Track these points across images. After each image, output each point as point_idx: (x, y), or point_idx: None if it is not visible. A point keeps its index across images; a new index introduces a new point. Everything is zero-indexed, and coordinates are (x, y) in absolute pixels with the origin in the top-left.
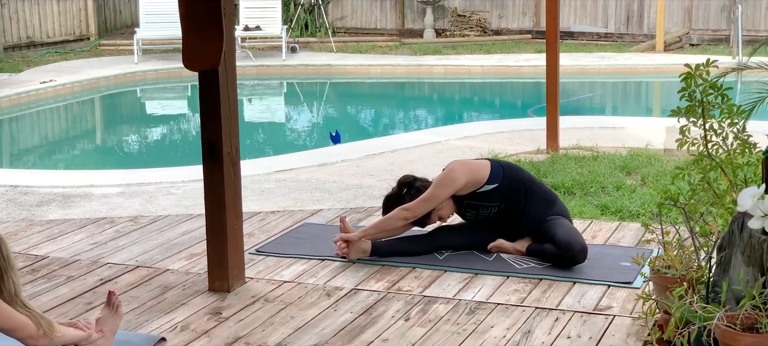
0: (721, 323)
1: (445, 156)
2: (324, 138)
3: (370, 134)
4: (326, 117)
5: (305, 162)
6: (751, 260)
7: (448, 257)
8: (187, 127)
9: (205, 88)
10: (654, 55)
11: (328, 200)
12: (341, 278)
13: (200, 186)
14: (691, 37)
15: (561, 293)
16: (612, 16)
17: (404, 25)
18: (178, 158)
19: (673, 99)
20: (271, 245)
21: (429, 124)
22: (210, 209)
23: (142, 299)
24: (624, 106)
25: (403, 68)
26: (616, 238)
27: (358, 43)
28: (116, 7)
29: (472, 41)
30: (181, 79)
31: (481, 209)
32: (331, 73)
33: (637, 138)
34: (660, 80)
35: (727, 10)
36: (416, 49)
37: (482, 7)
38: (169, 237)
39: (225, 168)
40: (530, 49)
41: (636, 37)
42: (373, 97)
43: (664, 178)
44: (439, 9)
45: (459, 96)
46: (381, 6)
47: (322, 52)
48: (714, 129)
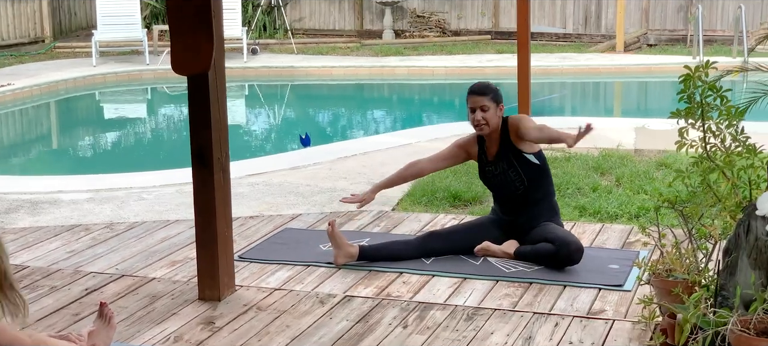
0: (735, 329)
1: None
2: (293, 140)
3: (338, 137)
4: (291, 119)
5: (277, 166)
6: (758, 263)
7: (435, 262)
8: (152, 131)
9: (195, 93)
10: (615, 56)
11: (303, 204)
12: (329, 283)
13: (172, 191)
14: (648, 38)
15: (552, 296)
16: (570, 17)
17: (363, 26)
18: (146, 163)
19: (636, 99)
20: (253, 251)
21: (395, 125)
22: (199, 216)
23: (131, 309)
24: (588, 106)
25: (366, 70)
26: (601, 240)
27: (318, 44)
28: (71, 9)
29: (432, 42)
30: (141, 82)
31: (510, 173)
32: (294, 75)
33: (607, 139)
34: (622, 80)
35: (683, 11)
36: (377, 51)
37: (441, 8)
38: (147, 244)
39: (215, 174)
40: (491, 49)
41: (594, 38)
42: (338, 99)
43: (638, 178)
44: (398, 10)
45: (424, 97)
46: (339, 7)
47: (282, 54)
48: (712, 131)
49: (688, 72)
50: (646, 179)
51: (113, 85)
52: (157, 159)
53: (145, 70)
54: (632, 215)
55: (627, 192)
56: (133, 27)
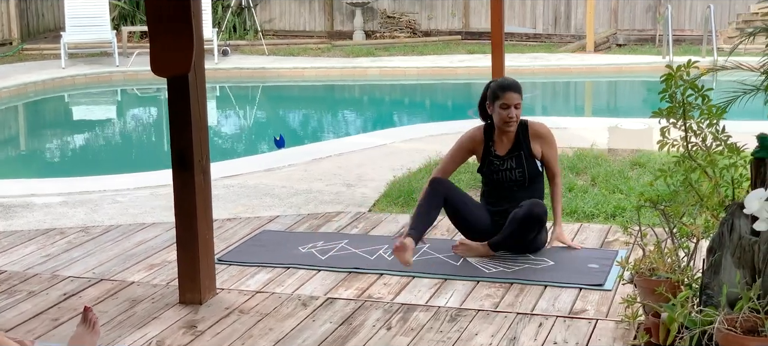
0: (722, 327)
1: (391, 159)
2: (267, 142)
3: (312, 138)
4: (264, 121)
5: (252, 167)
6: (742, 262)
7: (415, 263)
8: (123, 133)
9: (175, 94)
10: (585, 56)
11: (279, 206)
12: (310, 285)
13: (146, 193)
14: (617, 37)
15: (534, 296)
16: (540, 17)
17: (333, 27)
18: (119, 165)
19: (607, 98)
20: (232, 253)
21: (369, 126)
22: (180, 219)
23: (111, 313)
24: (561, 106)
25: (338, 71)
26: (580, 239)
27: (288, 45)
28: (39, 11)
29: (403, 43)
30: (111, 84)
31: (517, 172)
32: (266, 77)
33: (581, 138)
34: (593, 80)
35: (652, 11)
36: (348, 52)
37: (411, 8)
38: (124, 248)
39: (195, 176)
40: (462, 50)
41: (564, 38)
42: (310, 100)
43: (613, 178)
44: (369, 11)
45: (396, 98)
46: (309, 8)
47: (253, 55)
48: (693, 130)
49: (669, 71)
50: (620, 179)
51: (83, 87)
52: (129, 161)
53: (114, 71)
54: (609, 215)
55: (603, 192)
56: (102, 28)
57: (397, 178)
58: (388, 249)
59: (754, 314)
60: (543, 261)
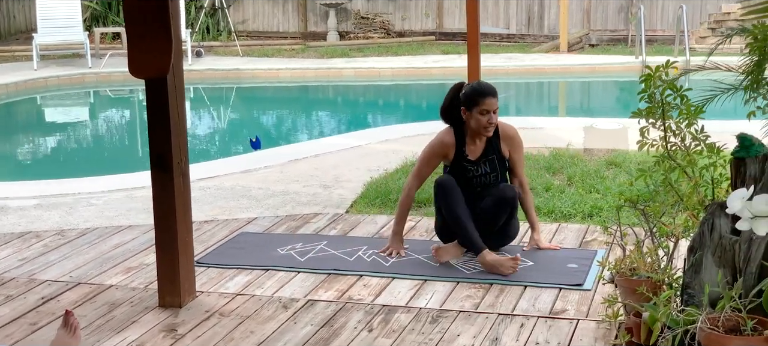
0: (704, 327)
1: (367, 160)
2: (243, 144)
3: (288, 139)
4: (240, 122)
5: (228, 169)
6: (722, 261)
7: (395, 264)
8: (97, 135)
9: (153, 96)
10: (559, 56)
11: (256, 208)
12: (289, 287)
13: (121, 196)
14: (590, 38)
15: (514, 297)
16: (513, 18)
17: (307, 28)
18: (93, 167)
19: (582, 98)
20: (211, 256)
21: (344, 127)
22: (159, 222)
23: (90, 317)
24: (535, 106)
25: (313, 72)
26: (558, 239)
27: (262, 46)
28: (10, 12)
29: (377, 43)
30: (84, 86)
31: (491, 176)
32: (240, 78)
33: (557, 138)
34: (567, 80)
35: (624, 11)
36: (323, 52)
37: (385, 9)
38: (101, 251)
39: (175, 179)
40: (436, 50)
41: (537, 38)
42: (286, 102)
43: (589, 178)
44: (342, 11)
45: (371, 98)
46: (283, 9)
47: (227, 57)
48: (672, 130)
49: (649, 71)
50: (597, 178)
51: (55, 89)
52: (104, 164)
53: (87, 73)
54: (586, 214)
55: (579, 191)
56: (74, 30)
57: (373, 179)
58: (368, 250)
59: (736, 313)
60: (522, 262)
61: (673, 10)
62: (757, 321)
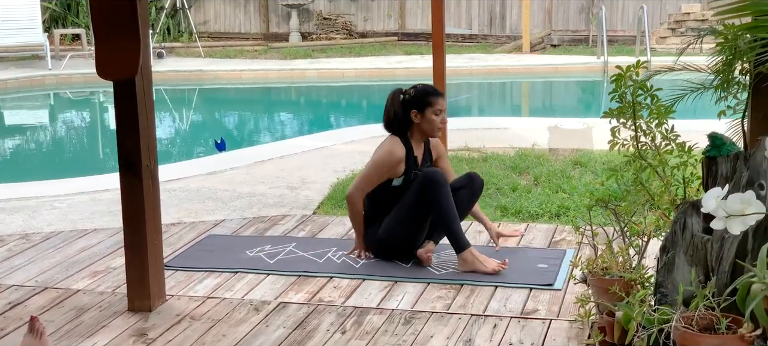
0: (679, 326)
1: (333, 161)
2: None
3: (252, 141)
4: (203, 124)
5: (193, 171)
6: (695, 260)
7: (365, 266)
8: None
9: (122, 98)
10: (521, 56)
11: (222, 210)
12: (259, 290)
13: (85, 199)
14: (552, 38)
15: (485, 297)
16: (475, 18)
17: (269, 29)
18: (55, 170)
19: (545, 98)
20: (179, 258)
21: (309, 128)
22: (128, 225)
23: (58, 322)
24: (499, 106)
25: (276, 73)
26: (527, 240)
27: (224, 47)
28: None
29: (340, 44)
30: (43, 88)
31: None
32: (203, 79)
33: (522, 138)
34: (530, 80)
35: (585, 11)
36: (285, 53)
37: (347, 9)
38: (66, 255)
39: (144, 181)
40: (399, 51)
41: (499, 39)
42: (249, 103)
43: (555, 177)
44: (304, 12)
45: (335, 99)
46: (244, 10)
47: (189, 58)
48: (642, 129)
49: (620, 71)
50: (563, 178)
51: (14, 91)
52: (66, 166)
53: (47, 75)
54: (553, 214)
55: (546, 191)
56: (33, 31)
57: (340, 180)
58: (337, 252)
59: (710, 312)
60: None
61: (634, 10)
62: (731, 319)
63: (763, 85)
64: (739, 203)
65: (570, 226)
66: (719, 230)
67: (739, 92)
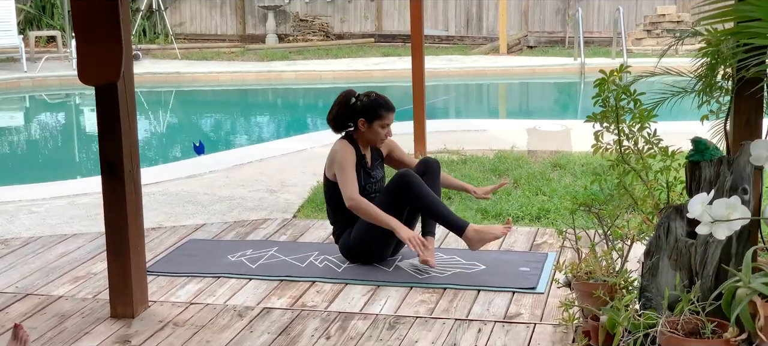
0: (665, 330)
1: (312, 164)
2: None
3: (230, 143)
4: (181, 127)
5: (172, 174)
6: (679, 264)
7: (347, 270)
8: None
9: (104, 103)
10: (499, 58)
11: (202, 214)
12: (241, 295)
13: (63, 203)
14: (528, 40)
15: (468, 301)
16: (452, 20)
17: (245, 30)
18: (32, 174)
19: (522, 99)
20: (160, 264)
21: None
22: (111, 231)
23: (41, 329)
24: (477, 108)
25: (253, 75)
26: (509, 243)
27: (201, 49)
28: None
29: (316, 46)
30: (19, 90)
31: (383, 179)
32: (180, 81)
33: (501, 140)
34: (507, 82)
35: (561, 13)
36: (262, 55)
37: (324, 11)
38: (46, 260)
39: (126, 186)
40: (376, 52)
41: (476, 40)
42: (227, 105)
43: (535, 180)
44: (281, 14)
45: (312, 101)
46: (221, 12)
47: (165, 60)
48: (625, 133)
49: (603, 75)
50: (542, 180)
51: None
52: (43, 170)
53: (23, 77)
54: (534, 217)
55: (526, 193)
56: (8, 33)
57: (320, 183)
58: (319, 256)
59: (695, 316)
60: (474, 265)
61: (610, 12)
62: (717, 324)
63: (745, 90)
64: (724, 207)
65: (551, 229)
66: (704, 235)
67: (721, 96)
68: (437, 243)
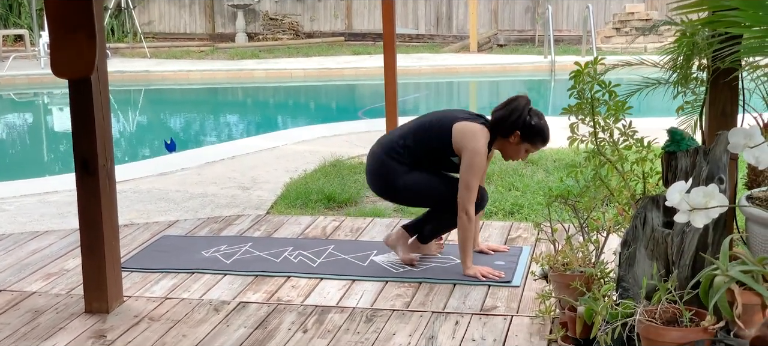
0: (643, 319)
1: (284, 161)
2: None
3: (201, 141)
4: (151, 125)
5: (143, 172)
6: (655, 254)
7: (322, 265)
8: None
9: (77, 97)
10: (469, 56)
11: (175, 211)
12: (217, 290)
13: (34, 201)
14: (498, 38)
15: (444, 295)
16: (422, 18)
17: (215, 29)
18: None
19: (492, 96)
20: (134, 259)
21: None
22: (85, 226)
23: (14, 325)
24: (448, 105)
25: (224, 73)
26: (484, 237)
27: (170, 48)
28: None
29: (287, 44)
30: None
31: None
32: (150, 80)
33: None
34: (478, 80)
35: (530, 12)
36: (232, 54)
37: (294, 10)
38: (18, 257)
39: (100, 181)
40: (346, 51)
41: (446, 39)
42: (197, 103)
43: (507, 176)
44: (251, 13)
45: (283, 100)
46: (190, 10)
47: (135, 59)
48: (600, 125)
49: (578, 68)
50: (515, 176)
51: None
52: (12, 169)
53: None
54: (507, 212)
55: (499, 189)
56: None
57: (292, 180)
58: (294, 251)
59: (672, 305)
60: (449, 259)
61: (579, 10)
62: (694, 312)
63: (720, 81)
64: (702, 196)
65: (525, 223)
66: (680, 224)
67: (696, 87)
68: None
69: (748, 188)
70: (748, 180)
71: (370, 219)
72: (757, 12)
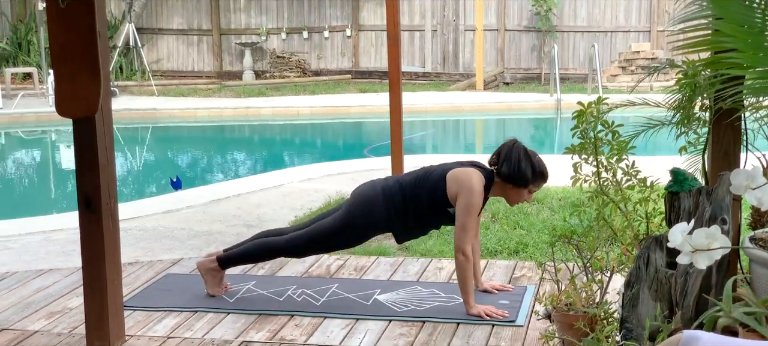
0: None
1: (290, 199)
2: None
3: (207, 179)
4: (158, 162)
5: (149, 210)
6: (659, 295)
7: (325, 304)
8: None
9: (81, 136)
10: (475, 94)
11: (179, 249)
12: (219, 329)
13: (39, 239)
14: (504, 76)
15: (447, 335)
16: (429, 56)
17: (222, 67)
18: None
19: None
20: (137, 298)
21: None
22: (88, 264)
23: None
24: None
25: (231, 111)
26: (488, 276)
27: (178, 86)
28: None
29: (293, 82)
30: None
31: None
32: (157, 118)
33: None
34: (484, 117)
35: (536, 50)
36: (239, 92)
37: (301, 48)
38: (21, 295)
39: (103, 220)
40: (353, 89)
41: (452, 77)
42: (204, 141)
43: (513, 214)
44: (258, 51)
45: (290, 137)
46: (198, 49)
47: (142, 96)
48: (603, 165)
49: (581, 107)
50: (520, 215)
51: None
52: (18, 206)
53: None
54: (512, 250)
55: (504, 228)
56: None
57: (297, 218)
58: (297, 289)
59: None
60: (453, 298)
61: (584, 48)
62: None
63: (723, 121)
64: (704, 237)
65: (529, 262)
66: (683, 265)
67: (699, 128)
68: (416, 277)
69: (751, 229)
70: (751, 221)
71: (374, 258)
72: (756, 53)
